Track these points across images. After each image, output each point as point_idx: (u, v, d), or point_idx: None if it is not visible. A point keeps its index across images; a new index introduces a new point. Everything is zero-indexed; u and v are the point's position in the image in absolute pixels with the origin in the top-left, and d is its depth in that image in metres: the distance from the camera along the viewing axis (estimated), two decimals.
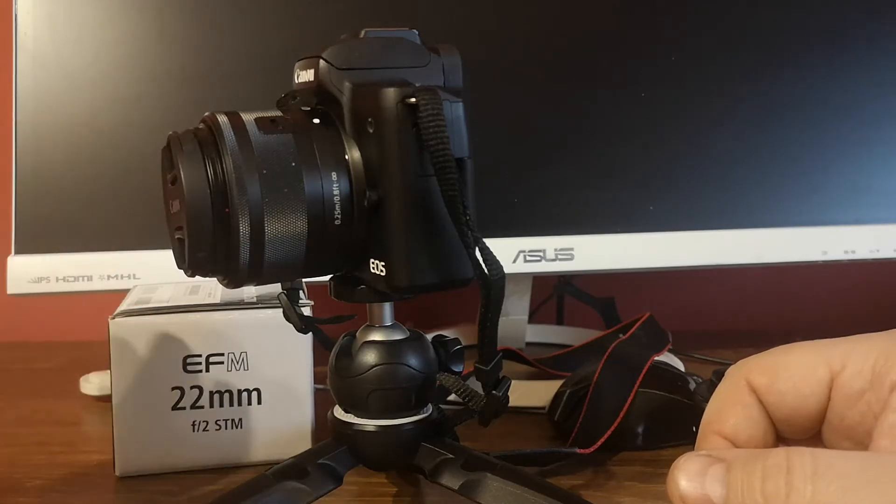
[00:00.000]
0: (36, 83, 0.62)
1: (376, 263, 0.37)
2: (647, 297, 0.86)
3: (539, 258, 0.64)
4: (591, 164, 0.66)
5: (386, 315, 0.42)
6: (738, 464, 0.26)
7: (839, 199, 0.68)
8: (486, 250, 0.36)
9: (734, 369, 0.32)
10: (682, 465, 0.27)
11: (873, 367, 0.29)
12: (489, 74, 0.63)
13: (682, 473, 0.27)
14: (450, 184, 0.35)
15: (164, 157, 0.38)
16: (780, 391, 0.30)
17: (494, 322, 0.37)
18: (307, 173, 0.37)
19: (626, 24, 0.67)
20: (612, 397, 0.51)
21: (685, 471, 0.27)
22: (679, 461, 0.27)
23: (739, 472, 0.26)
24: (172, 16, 0.63)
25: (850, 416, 0.29)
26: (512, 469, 0.39)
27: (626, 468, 0.49)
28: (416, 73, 0.38)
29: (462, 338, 0.45)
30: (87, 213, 0.62)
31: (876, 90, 0.69)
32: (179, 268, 0.38)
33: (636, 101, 0.66)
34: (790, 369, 0.30)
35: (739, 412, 0.30)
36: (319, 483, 0.40)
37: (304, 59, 0.40)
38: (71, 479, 0.49)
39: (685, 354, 0.71)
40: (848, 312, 0.90)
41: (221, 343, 0.49)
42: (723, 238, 0.66)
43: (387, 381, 0.41)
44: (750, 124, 0.68)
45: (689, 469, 0.27)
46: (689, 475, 0.27)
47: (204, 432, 0.49)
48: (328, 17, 0.64)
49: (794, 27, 0.68)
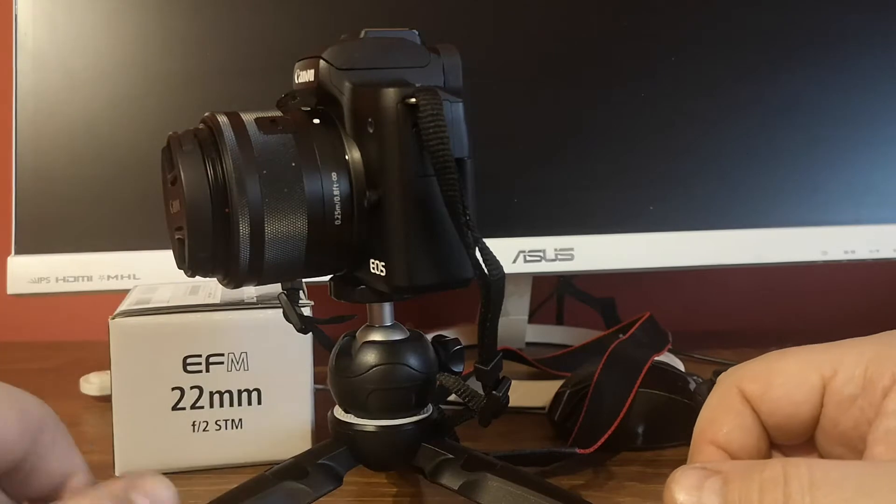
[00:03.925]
0: (36, 83, 0.62)
1: (376, 263, 0.37)
2: (647, 297, 0.85)
3: (539, 258, 0.64)
4: (591, 165, 0.66)
5: (386, 315, 0.42)
6: (735, 476, 0.26)
7: (839, 199, 0.68)
8: (486, 250, 0.36)
9: (725, 377, 0.31)
10: (679, 479, 0.27)
11: (865, 372, 0.29)
12: (489, 74, 0.63)
13: (679, 487, 0.26)
14: (450, 184, 0.35)
15: (164, 157, 0.38)
16: (773, 398, 0.30)
17: (494, 322, 0.37)
18: (307, 173, 0.37)
19: (626, 25, 0.67)
20: (612, 397, 0.51)
21: (682, 484, 0.26)
22: (675, 474, 0.27)
23: (737, 485, 0.25)
24: (173, 16, 0.63)
25: (843, 422, 0.29)
26: (512, 469, 0.39)
27: (626, 468, 0.49)
28: (416, 73, 0.38)
29: (462, 338, 0.45)
30: (87, 213, 0.62)
31: (876, 90, 0.69)
32: (179, 268, 0.38)
33: (636, 101, 0.66)
34: (782, 376, 0.30)
35: (732, 420, 0.30)
36: (319, 483, 0.40)
37: (304, 60, 0.40)
38: None
39: (685, 354, 0.71)
40: (848, 312, 0.90)
41: (221, 343, 0.49)
42: (723, 238, 0.66)
43: (387, 382, 0.41)
44: (750, 124, 0.68)
45: (686, 482, 0.26)
46: (685, 489, 0.26)
47: (204, 432, 0.49)
48: (328, 17, 0.64)
49: (794, 27, 0.68)
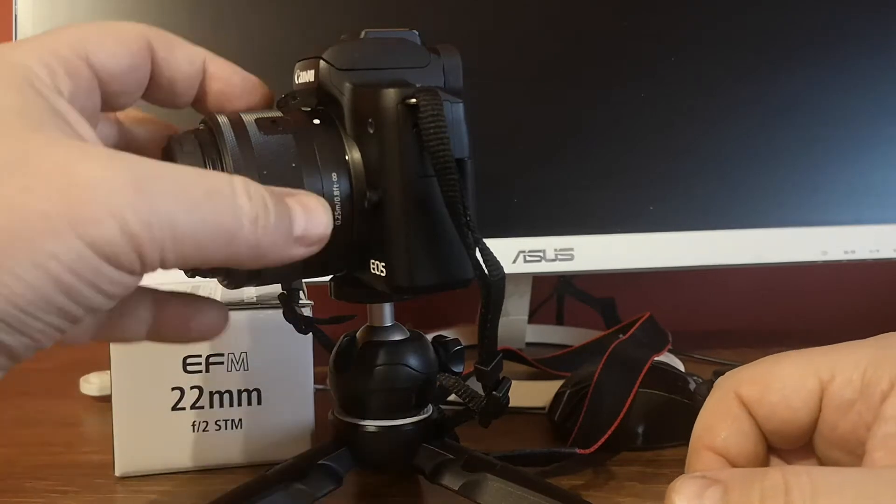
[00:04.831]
0: None
1: (376, 264, 0.37)
2: (647, 297, 0.85)
3: (539, 258, 0.64)
4: (591, 165, 0.66)
5: (386, 315, 0.42)
6: (735, 485, 0.26)
7: (839, 199, 0.68)
8: (486, 251, 0.36)
9: (722, 381, 0.31)
10: (679, 489, 0.26)
11: (863, 376, 0.29)
12: (489, 75, 0.63)
13: (679, 497, 0.26)
14: (450, 184, 0.35)
15: (164, 157, 0.38)
16: (771, 403, 0.30)
17: (494, 322, 0.37)
18: (307, 174, 0.37)
19: (626, 25, 0.66)
20: (612, 397, 0.51)
21: (682, 494, 0.26)
22: (675, 484, 0.27)
23: (737, 495, 0.25)
24: (173, 16, 0.63)
25: (841, 427, 0.29)
26: (512, 469, 0.40)
27: (626, 468, 0.49)
28: (417, 73, 0.38)
29: (462, 338, 0.45)
30: None
31: (876, 90, 0.69)
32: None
33: (636, 101, 0.66)
34: (780, 381, 0.30)
35: (730, 426, 0.30)
36: (319, 484, 0.40)
37: (305, 60, 0.40)
38: (71, 479, 0.49)
39: (685, 354, 0.71)
40: (848, 312, 0.90)
41: (221, 343, 0.49)
42: (723, 238, 0.66)
43: (387, 382, 0.41)
44: (750, 124, 0.67)
45: (686, 492, 0.26)
46: (686, 498, 0.26)
47: (204, 432, 0.49)
48: (328, 17, 0.64)
49: (794, 27, 0.68)
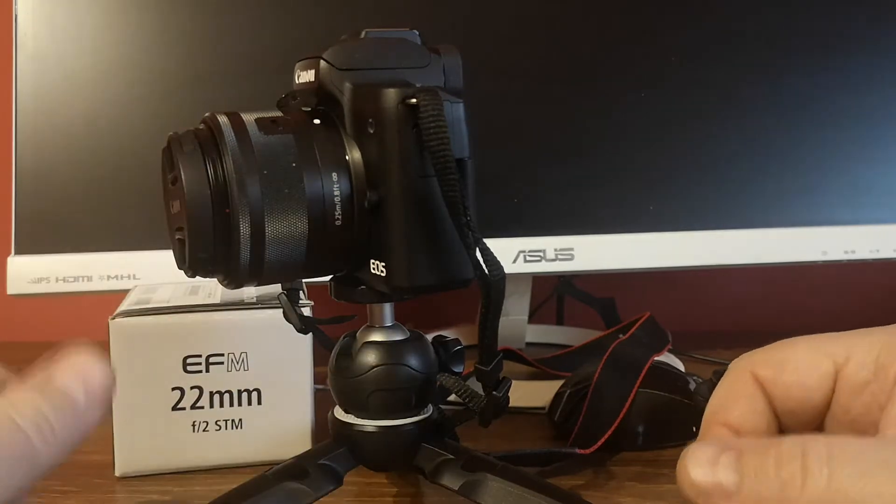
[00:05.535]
0: (36, 83, 0.62)
1: (377, 264, 0.37)
2: (647, 297, 0.85)
3: (539, 258, 0.64)
4: (591, 165, 0.66)
5: (386, 315, 0.42)
6: (751, 450, 0.25)
7: (839, 199, 0.68)
8: (487, 251, 0.36)
9: (738, 361, 0.32)
10: (693, 454, 0.26)
11: (877, 359, 0.29)
12: (489, 75, 0.63)
13: (693, 462, 0.26)
14: (450, 184, 0.35)
15: (165, 157, 0.38)
16: (786, 383, 0.30)
17: (494, 322, 0.37)
18: (308, 174, 0.37)
19: (626, 25, 0.67)
20: (612, 397, 0.51)
21: (696, 459, 0.26)
22: (688, 450, 0.26)
23: (753, 459, 0.25)
24: (173, 16, 0.63)
25: (854, 408, 0.29)
26: (512, 469, 0.39)
27: (626, 468, 0.49)
28: (417, 73, 0.38)
29: (462, 338, 0.45)
30: (87, 213, 0.61)
31: (876, 90, 0.69)
32: (180, 268, 0.38)
33: (636, 101, 0.66)
34: (795, 362, 0.30)
35: (744, 404, 0.30)
36: (319, 483, 0.40)
37: (305, 60, 0.40)
38: (71, 479, 0.49)
39: (685, 354, 0.71)
40: (848, 312, 0.90)
41: (221, 343, 0.49)
42: (723, 238, 0.66)
43: (387, 382, 0.41)
44: (750, 124, 0.67)
45: (700, 457, 0.26)
46: (700, 463, 0.26)
47: (204, 432, 0.49)
48: (328, 17, 0.64)
49: (794, 28, 0.68)
